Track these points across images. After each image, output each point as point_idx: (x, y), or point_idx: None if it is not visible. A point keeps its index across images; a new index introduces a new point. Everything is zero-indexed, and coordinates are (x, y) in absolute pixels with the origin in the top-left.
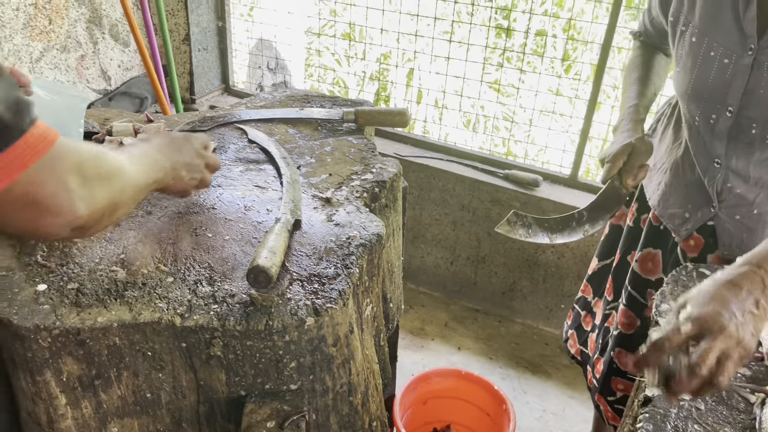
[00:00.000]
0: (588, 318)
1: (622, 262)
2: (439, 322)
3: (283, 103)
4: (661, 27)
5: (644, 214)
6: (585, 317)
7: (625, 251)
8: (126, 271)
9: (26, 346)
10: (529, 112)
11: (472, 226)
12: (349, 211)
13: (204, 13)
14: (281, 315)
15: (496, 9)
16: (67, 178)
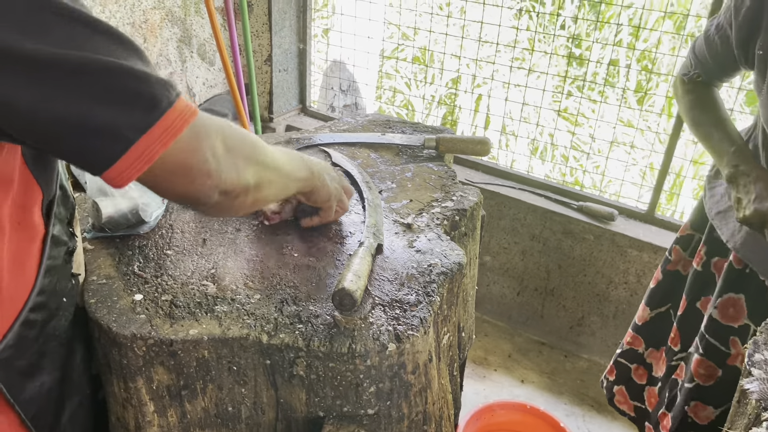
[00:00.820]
0: (641, 371)
1: (692, 310)
2: (503, 352)
3: (365, 127)
4: (725, 62)
5: (715, 258)
6: (636, 370)
7: (693, 298)
8: (216, 285)
9: (122, 353)
10: (600, 142)
11: (541, 256)
12: (430, 238)
13: (287, 35)
14: (364, 339)
15: (569, 37)
16: (214, 144)
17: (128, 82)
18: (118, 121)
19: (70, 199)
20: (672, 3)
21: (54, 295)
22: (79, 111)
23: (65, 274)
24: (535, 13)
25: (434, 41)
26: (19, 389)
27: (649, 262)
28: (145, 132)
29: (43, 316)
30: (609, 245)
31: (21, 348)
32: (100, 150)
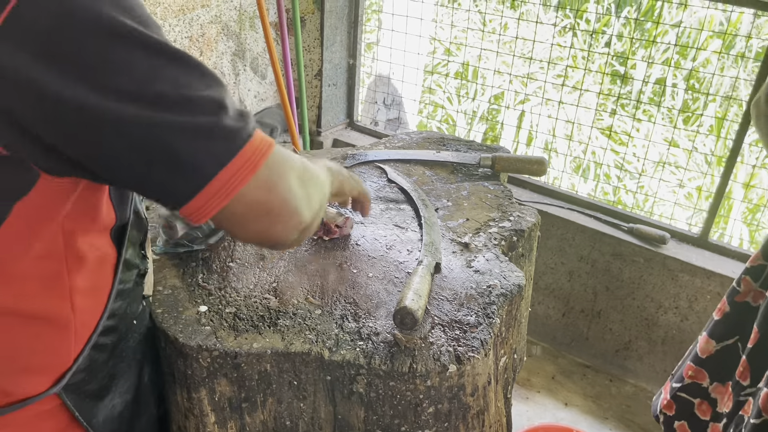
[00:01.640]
0: (705, 406)
1: (764, 342)
2: (546, 374)
3: (419, 144)
4: None
5: None
6: (700, 405)
7: (766, 330)
8: (278, 299)
9: (187, 363)
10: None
11: (589, 278)
12: (488, 259)
13: (337, 50)
14: (425, 359)
15: (614, 55)
16: (291, 181)
17: (207, 115)
18: (198, 156)
19: (143, 222)
20: (722, 22)
21: (124, 318)
22: (158, 147)
23: (136, 296)
24: (579, 31)
25: (477, 57)
26: (91, 412)
27: (702, 287)
28: (224, 166)
29: (113, 339)
30: (660, 269)
31: (92, 371)
32: (178, 185)
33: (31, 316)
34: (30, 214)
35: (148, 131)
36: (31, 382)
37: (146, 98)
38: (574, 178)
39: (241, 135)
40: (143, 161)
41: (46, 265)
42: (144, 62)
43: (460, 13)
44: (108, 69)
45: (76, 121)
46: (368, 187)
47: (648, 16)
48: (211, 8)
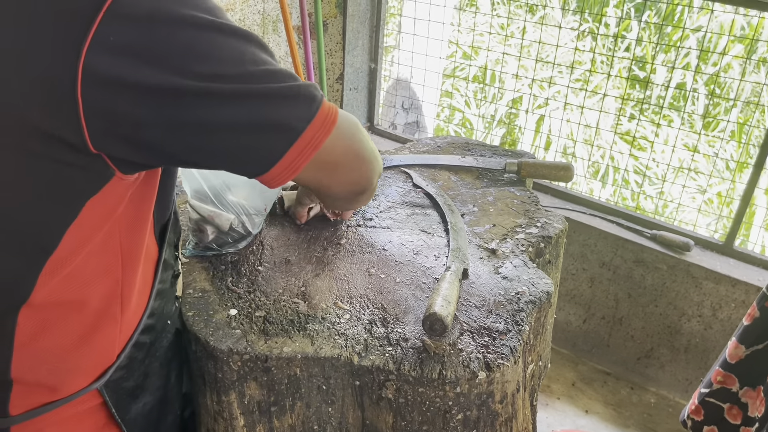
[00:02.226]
0: (735, 410)
1: None
2: (566, 381)
3: (444, 149)
4: None
5: None
6: (730, 410)
7: None
8: (307, 303)
9: (218, 366)
10: (663, 167)
11: (611, 284)
12: (516, 265)
13: (359, 54)
14: (454, 366)
15: (634, 59)
16: (362, 132)
17: (288, 81)
18: (287, 116)
19: (179, 224)
20: (743, 27)
21: (161, 317)
22: (252, 115)
23: (171, 297)
24: (598, 35)
25: (496, 61)
26: (126, 409)
27: (727, 295)
28: (311, 121)
29: (150, 338)
30: (683, 276)
31: (131, 369)
32: (271, 144)
33: (84, 310)
34: (95, 212)
35: (242, 103)
36: (77, 377)
37: (236, 77)
38: (592, 183)
39: (317, 97)
40: (238, 131)
41: (101, 260)
42: (225, 47)
43: (480, 17)
44: (200, 56)
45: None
46: (393, 191)
47: (668, 20)
48: (235, 12)
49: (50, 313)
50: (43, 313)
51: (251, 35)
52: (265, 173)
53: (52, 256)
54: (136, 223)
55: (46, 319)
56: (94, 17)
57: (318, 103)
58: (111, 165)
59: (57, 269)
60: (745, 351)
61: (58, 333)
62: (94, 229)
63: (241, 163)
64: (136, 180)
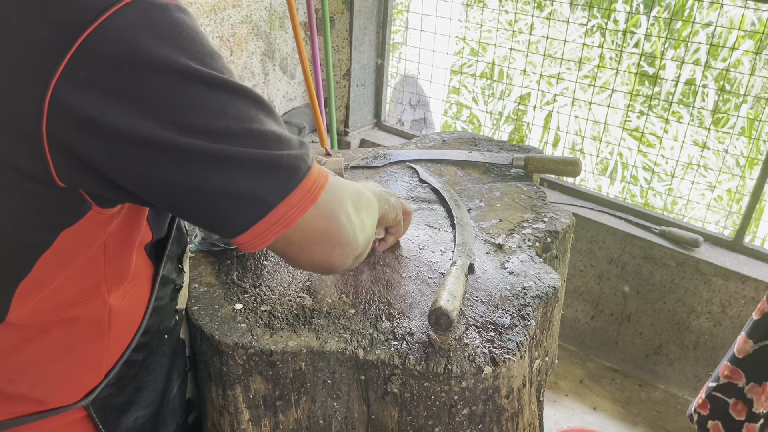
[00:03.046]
0: (740, 406)
1: None
2: (574, 377)
3: (451, 144)
4: None
5: None
6: (735, 405)
7: None
8: (312, 298)
9: (223, 360)
10: (673, 164)
11: (619, 281)
12: (523, 260)
13: (366, 50)
14: (460, 360)
15: (643, 55)
16: (348, 209)
17: (273, 147)
18: (260, 187)
19: (184, 237)
20: (753, 22)
21: (157, 334)
22: (223, 179)
23: (169, 312)
24: (607, 30)
25: (504, 57)
26: (115, 424)
27: (736, 292)
28: (286, 197)
29: (144, 355)
30: (692, 272)
31: (120, 386)
32: (239, 214)
33: (66, 328)
34: (72, 241)
35: (215, 164)
36: (61, 391)
37: (213, 134)
38: (601, 180)
39: (302, 168)
40: (206, 192)
41: (84, 281)
42: (208, 99)
43: (487, 13)
44: (175, 107)
45: (143, 156)
46: (399, 186)
47: (678, 15)
48: (241, 8)
49: (30, 331)
50: (22, 331)
51: (245, 90)
52: (232, 239)
53: (25, 281)
54: (124, 246)
55: (26, 337)
56: (66, 51)
57: (300, 177)
58: (87, 198)
59: (32, 292)
60: (753, 346)
61: (38, 348)
62: (73, 256)
63: (208, 225)
64: (119, 211)
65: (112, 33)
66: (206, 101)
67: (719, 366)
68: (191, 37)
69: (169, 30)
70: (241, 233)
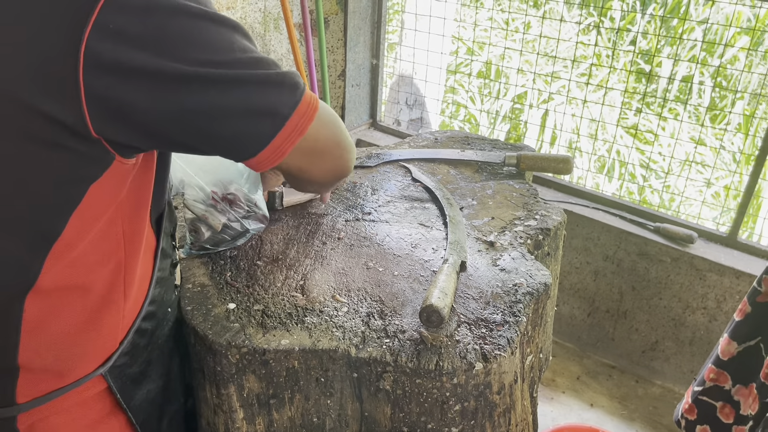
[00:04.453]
0: (728, 409)
1: None
2: (571, 374)
3: (444, 143)
4: None
5: None
6: (723, 408)
7: None
8: (305, 297)
9: (216, 360)
10: (670, 161)
11: (614, 278)
12: (514, 257)
13: (360, 51)
14: (451, 357)
15: (639, 53)
16: (339, 120)
17: (273, 68)
18: (274, 102)
19: (173, 214)
20: (749, 19)
21: (162, 305)
22: (242, 100)
23: (170, 285)
24: (604, 28)
25: (500, 56)
26: (131, 396)
27: (731, 287)
28: (296, 107)
29: (152, 325)
30: (687, 268)
31: (134, 356)
32: (259, 129)
33: (89, 296)
34: (98, 197)
35: (233, 88)
36: (82, 362)
37: (227, 63)
38: (598, 178)
39: (300, 84)
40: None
41: (105, 246)
42: (218, 35)
43: (483, 12)
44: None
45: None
46: (392, 185)
47: (674, 13)
48: (236, 10)
49: (56, 299)
50: (50, 299)
51: (238, 25)
52: (253, 157)
53: (58, 241)
54: (136, 210)
55: (52, 305)
56: (94, 6)
57: (302, 91)
58: (110, 150)
59: (62, 254)
60: (737, 348)
61: (64, 318)
62: (98, 215)
63: (231, 148)
64: (135, 165)
65: None
66: (217, 37)
67: (703, 369)
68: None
69: None
70: (262, 149)
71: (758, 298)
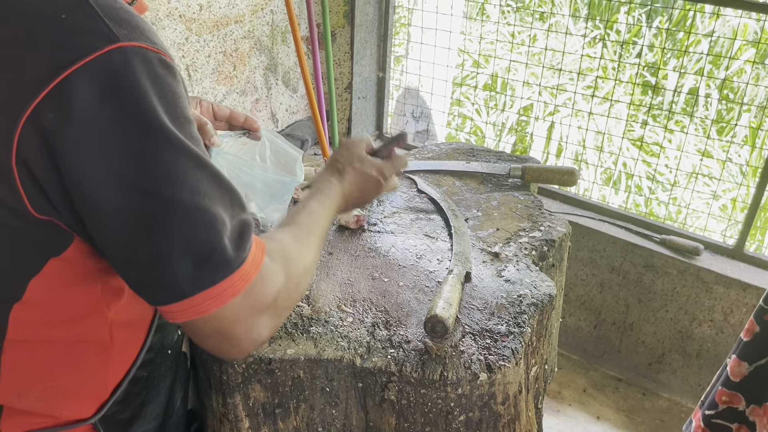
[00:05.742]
0: (744, 430)
1: None
2: (577, 387)
3: (449, 155)
4: None
5: None
6: (738, 430)
7: None
8: (310, 307)
9: (222, 369)
10: (676, 173)
11: (621, 290)
12: (519, 268)
13: (367, 64)
14: (455, 367)
15: (645, 65)
16: (262, 316)
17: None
18: (183, 272)
19: None
20: (756, 31)
21: (161, 350)
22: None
23: (172, 328)
24: (610, 41)
25: (506, 69)
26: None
27: (738, 299)
28: (202, 291)
29: (149, 371)
30: (693, 281)
31: (126, 403)
32: (157, 290)
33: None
34: (63, 267)
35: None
36: (68, 404)
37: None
38: (605, 190)
39: (231, 264)
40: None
41: (83, 298)
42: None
43: (489, 25)
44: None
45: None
46: (397, 196)
47: (680, 25)
48: (244, 24)
49: (33, 346)
50: (26, 345)
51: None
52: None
53: (19, 303)
54: None
55: (30, 350)
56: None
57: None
58: (66, 229)
59: (27, 313)
60: (749, 368)
61: (43, 362)
62: (66, 281)
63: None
64: None
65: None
66: (168, 163)
67: (712, 392)
68: (169, 96)
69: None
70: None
71: (766, 316)
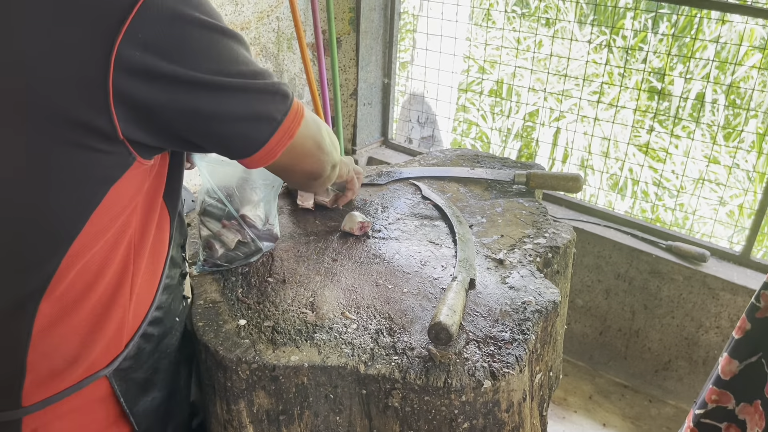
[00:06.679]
0: (734, 429)
1: None
2: (583, 394)
3: (453, 161)
4: None
5: None
6: (728, 429)
7: None
8: (314, 314)
9: (227, 375)
10: (683, 179)
11: (626, 296)
12: (523, 275)
13: (372, 70)
14: (459, 374)
15: (651, 71)
16: (323, 128)
17: (268, 78)
18: (270, 108)
19: (184, 226)
20: (763, 37)
21: (169, 312)
22: (244, 106)
23: (178, 294)
24: (615, 47)
25: (511, 75)
26: (135, 402)
27: (744, 306)
28: (287, 114)
29: (158, 331)
30: (700, 287)
31: (139, 360)
32: (257, 131)
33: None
34: (116, 199)
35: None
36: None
37: (233, 73)
38: (610, 196)
39: (290, 94)
40: (232, 117)
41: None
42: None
43: (494, 31)
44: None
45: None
46: (402, 203)
47: (686, 31)
48: (250, 30)
49: (67, 300)
50: (62, 300)
51: (241, 38)
52: (249, 156)
53: (74, 243)
54: (148, 215)
55: (63, 306)
56: (126, 16)
57: (291, 99)
58: (132, 151)
59: (77, 256)
60: (739, 366)
61: (73, 320)
62: (114, 217)
63: (231, 147)
64: (152, 168)
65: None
66: (226, 50)
67: (703, 392)
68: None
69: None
70: (258, 149)
71: (757, 313)
